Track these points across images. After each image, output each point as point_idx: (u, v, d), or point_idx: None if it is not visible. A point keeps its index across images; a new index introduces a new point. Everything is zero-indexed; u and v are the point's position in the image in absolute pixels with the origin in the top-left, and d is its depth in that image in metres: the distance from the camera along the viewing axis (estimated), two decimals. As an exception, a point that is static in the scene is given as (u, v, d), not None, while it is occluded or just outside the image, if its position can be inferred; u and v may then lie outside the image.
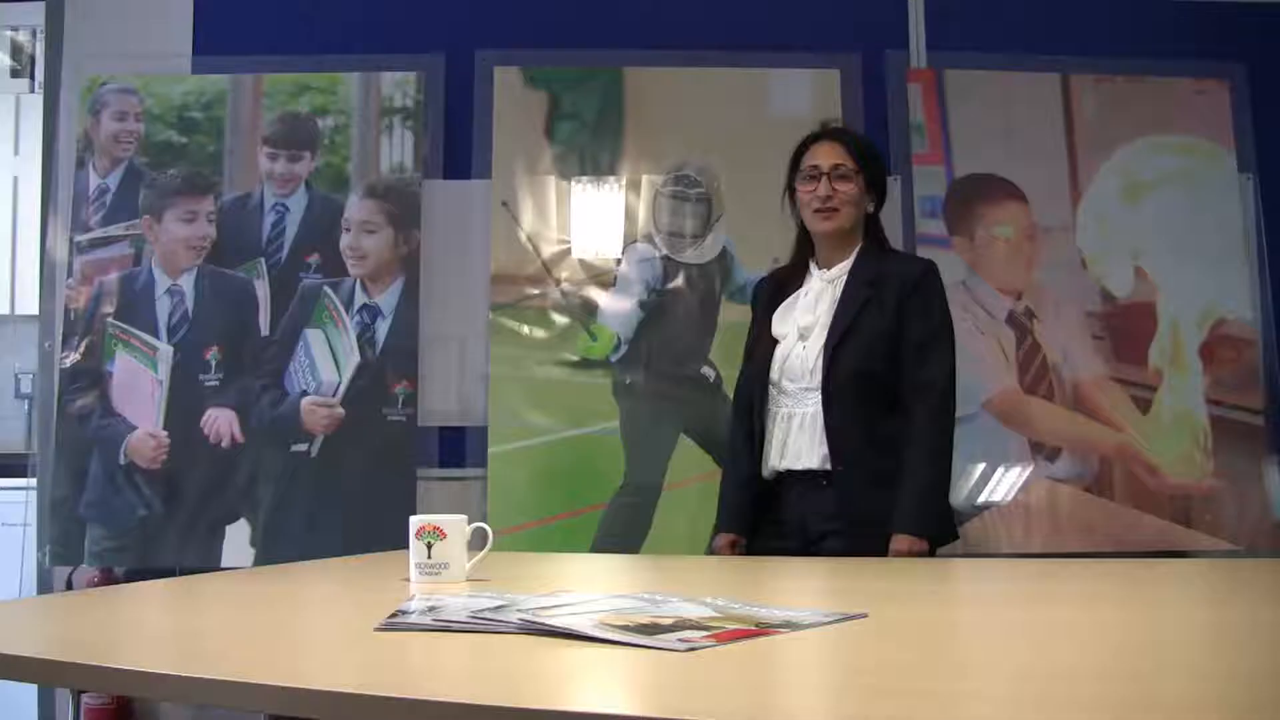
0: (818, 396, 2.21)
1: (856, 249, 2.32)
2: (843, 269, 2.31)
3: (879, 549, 2.14)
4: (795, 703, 0.93)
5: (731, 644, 1.08)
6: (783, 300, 2.35)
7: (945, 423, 2.24)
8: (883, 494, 2.17)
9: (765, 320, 2.35)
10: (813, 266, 2.35)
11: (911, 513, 2.15)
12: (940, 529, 2.22)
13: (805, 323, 2.28)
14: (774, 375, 2.28)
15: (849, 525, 2.18)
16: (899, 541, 2.13)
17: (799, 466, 2.22)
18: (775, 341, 2.31)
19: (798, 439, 2.23)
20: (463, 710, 0.87)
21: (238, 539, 2.86)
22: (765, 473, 2.28)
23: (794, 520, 2.25)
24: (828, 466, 2.19)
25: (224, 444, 2.89)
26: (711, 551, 2.32)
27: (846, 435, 2.19)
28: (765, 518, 2.31)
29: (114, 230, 2.98)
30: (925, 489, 2.18)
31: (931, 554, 2.20)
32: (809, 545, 2.22)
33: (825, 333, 2.24)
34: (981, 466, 2.93)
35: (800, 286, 2.34)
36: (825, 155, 2.31)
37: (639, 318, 2.96)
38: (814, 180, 2.30)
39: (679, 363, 2.95)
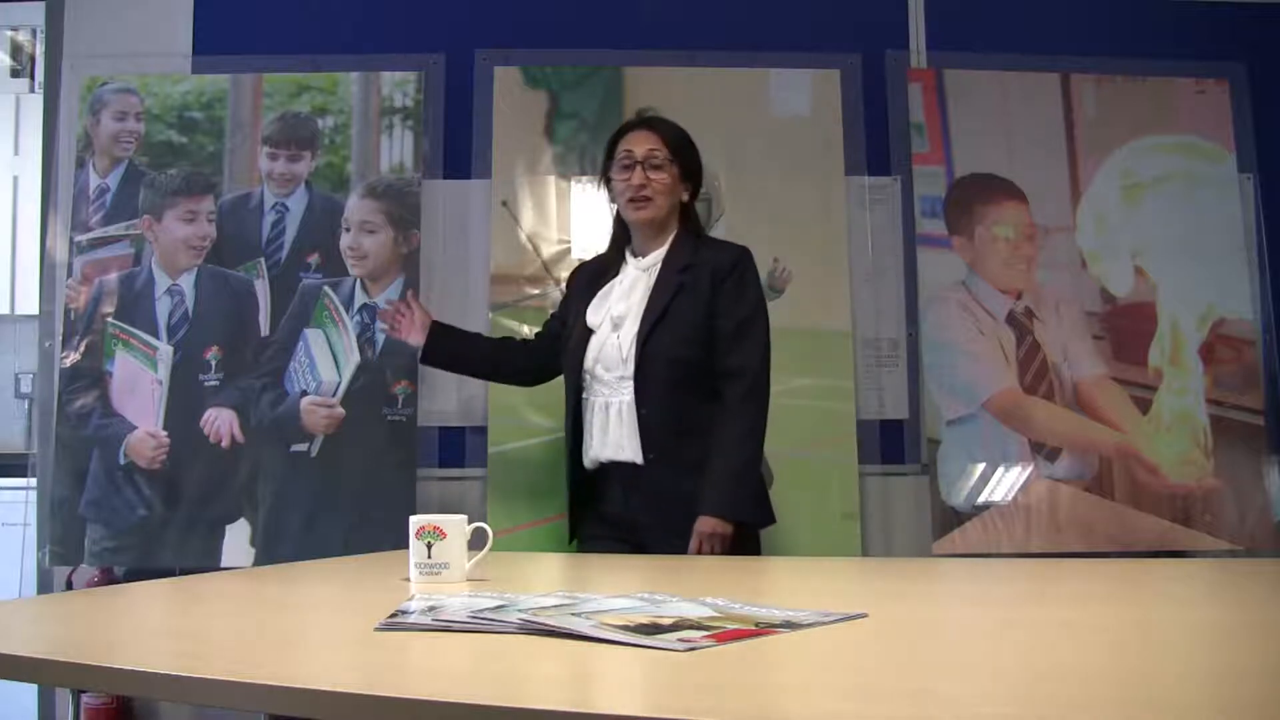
0: (630, 384, 2.24)
1: (671, 237, 2.35)
2: (657, 257, 2.34)
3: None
4: (795, 703, 0.93)
5: (731, 644, 1.08)
6: (598, 289, 2.37)
7: (756, 406, 2.25)
8: (695, 481, 2.19)
9: (579, 307, 2.38)
10: (628, 255, 2.39)
11: (715, 495, 2.17)
12: (749, 512, 2.23)
13: (618, 311, 2.31)
14: (588, 364, 2.31)
15: (662, 514, 2.21)
16: (703, 523, 2.15)
17: (622, 458, 2.25)
18: (590, 331, 2.33)
19: (617, 430, 2.26)
20: (463, 710, 0.87)
21: (238, 539, 2.86)
22: (587, 462, 2.31)
23: (617, 514, 2.28)
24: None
25: (224, 444, 2.89)
26: None
27: (658, 424, 2.22)
28: (589, 511, 2.34)
29: (114, 230, 2.98)
30: (732, 471, 2.19)
31: (746, 539, 2.22)
32: (631, 536, 2.25)
33: (639, 320, 2.26)
34: (981, 466, 2.93)
35: (615, 276, 2.37)
36: (639, 143, 2.35)
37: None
38: (628, 169, 2.33)
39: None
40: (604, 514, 2.32)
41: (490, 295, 2.97)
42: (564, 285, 2.97)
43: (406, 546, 1.66)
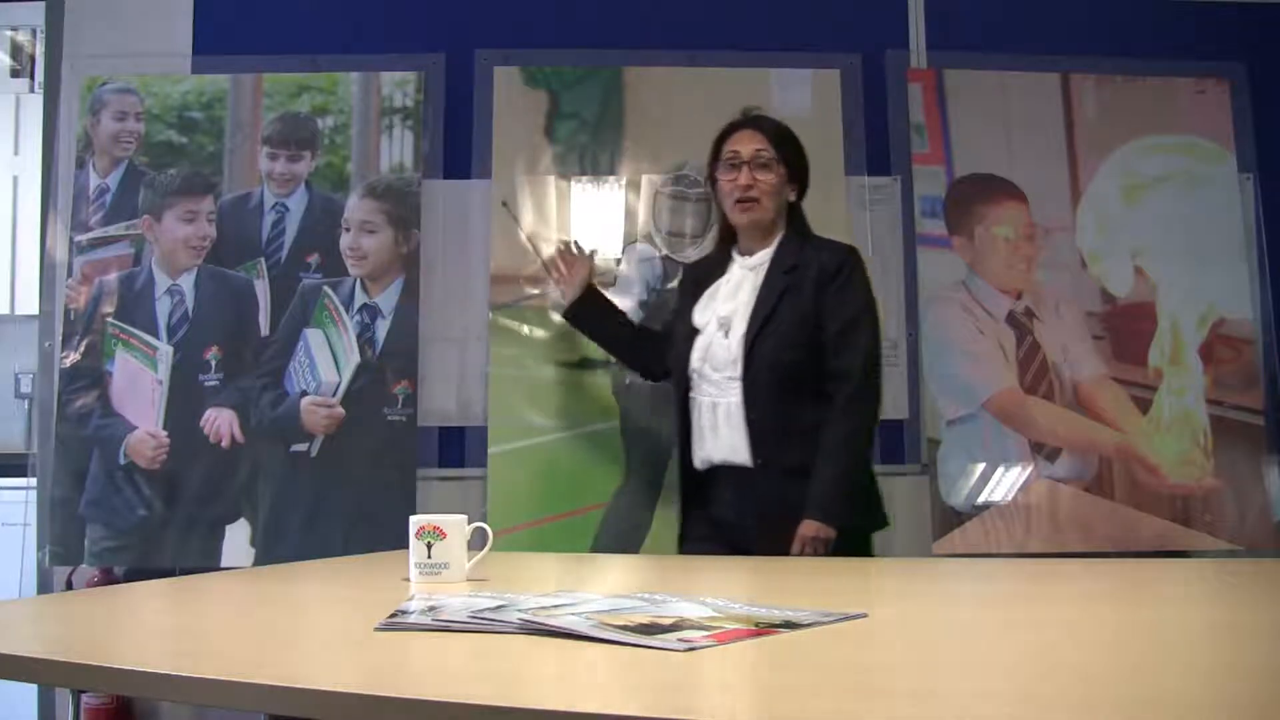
0: (740, 385, 2.23)
1: (778, 238, 2.33)
2: (764, 257, 2.33)
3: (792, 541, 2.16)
4: (795, 703, 0.93)
5: (731, 644, 1.09)
6: (705, 289, 2.36)
7: (862, 409, 2.24)
8: (799, 486, 2.17)
9: (686, 306, 2.37)
10: (734, 254, 2.37)
11: (819, 498, 2.15)
12: (852, 516, 2.20)
13: (725, 311, 2.30)
14: (695, 364, 2.29)
15: (767, 519, 2.19)
16: (806, 527, 2.14)
17: (735, 460, 2.23)
18: (695, 330, 2.32)
19: (727, 431, 2.25)
20: (463, 710, 0.87)
21: (238, 539, 2.86)
22: (698, 463, 2.29)
23: (725, 517, 2.26)
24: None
25: (224, 444, 2.89)
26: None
27: (766, 427, 2.21)
28: (693, 513, 2.32)
29: (114, 230, 2.98)
30: (836, 476, 2.17)
31: (856, 542, 2.21)
32: (737, 540, 2.23)
33: (746, 321, 2.25)
34: (981, 466, 2.93)
35: (722, 275, 2.36)
36: (745, 143, 2.33)
37: (639, 318, 2.96)
38: (734, 169, 2.32)
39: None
40: (711, 517, 2.29)
41: (490, 295, 2.97)
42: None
43: (406, 546, 1.66)
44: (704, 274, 2.41)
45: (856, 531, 2.23)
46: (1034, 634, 1.24)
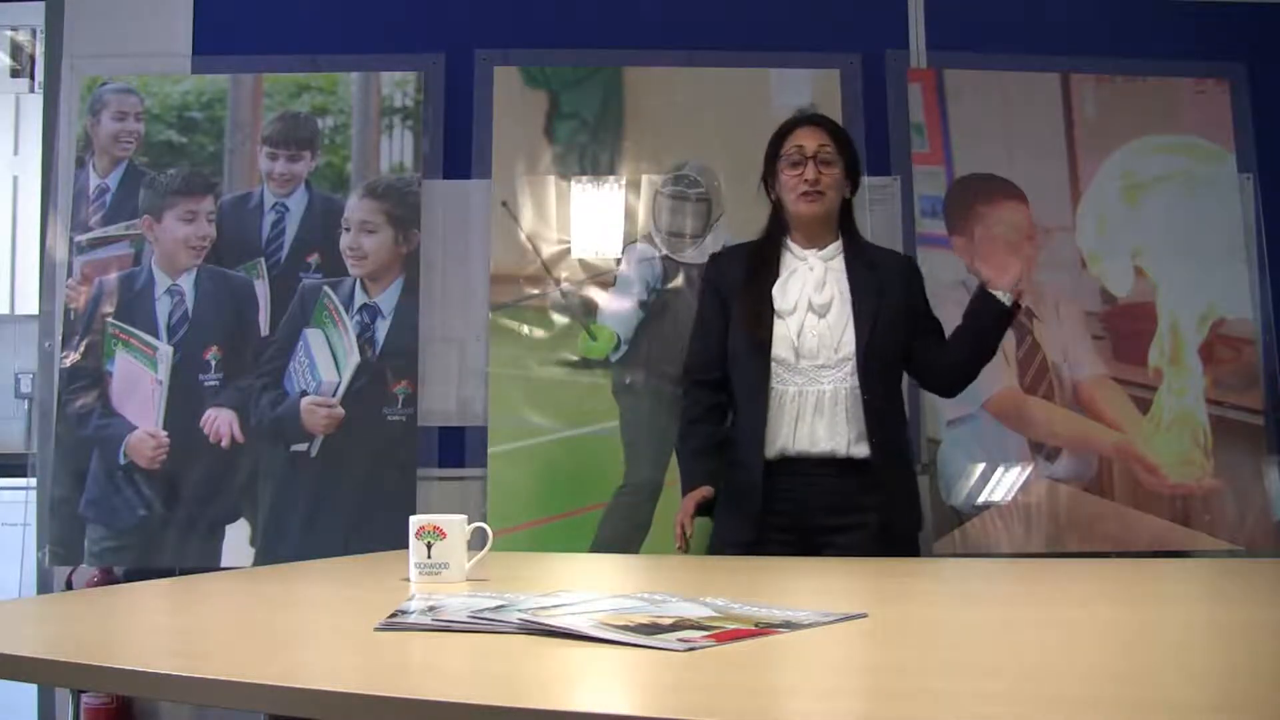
0: (835, 374, 2.24)
1: (838, 232, 2.38)
2: (835, 249, 2.35)
3: (899, 533, 2.24)
4: (795, 703, 0.93)
5: (731, 644, 1.09)
6: (762, 276, 2.34)
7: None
8: (904, 474, 2.31)
9: (745, 297, 2.34)
10: (794, 247, 2.37)
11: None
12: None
13: (823, 299, 2.29)
14: (779, 352, 2.27)
15: (882, 507, 2.24)
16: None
17: (820, 449, 2.23)
18: (774, 315, 2.30)
19: (814, 422, 2.24)
20: (463, 710, 0.87)
21: (238, 539, 2.86)
22: (770, 454, 2.26)
23: (792, 511, 2.25)
24: (851, 452, 2.23)
25: (224, 444, 2.89)
26: (681, 518, 2.28)
27: (879, 413, 2.25)
28: (755, 514, 2.29)
29: (114, 230, 2.98)
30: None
31: (905, 542, 2.30)
32: (802, 532, 2.23)
33: (849, 308, 2.28)
34: (981, 466, 2.93)
35: (775, 265, 2.35)
36: (809, 139, 2.35)
37: (639, 318, 2.96)
38: (799, 164, 2.33)
39: (679, 363, 2.94)
40: (776, 513, 2.25)
41: (490, 295, 2.97)
42: (563, 283, 2.98)
43: (406, 546, 1.66)
44: (759, 262, 2.37)
45: (908, 531, 2.32)
46: (1034, 634, 1.24)
